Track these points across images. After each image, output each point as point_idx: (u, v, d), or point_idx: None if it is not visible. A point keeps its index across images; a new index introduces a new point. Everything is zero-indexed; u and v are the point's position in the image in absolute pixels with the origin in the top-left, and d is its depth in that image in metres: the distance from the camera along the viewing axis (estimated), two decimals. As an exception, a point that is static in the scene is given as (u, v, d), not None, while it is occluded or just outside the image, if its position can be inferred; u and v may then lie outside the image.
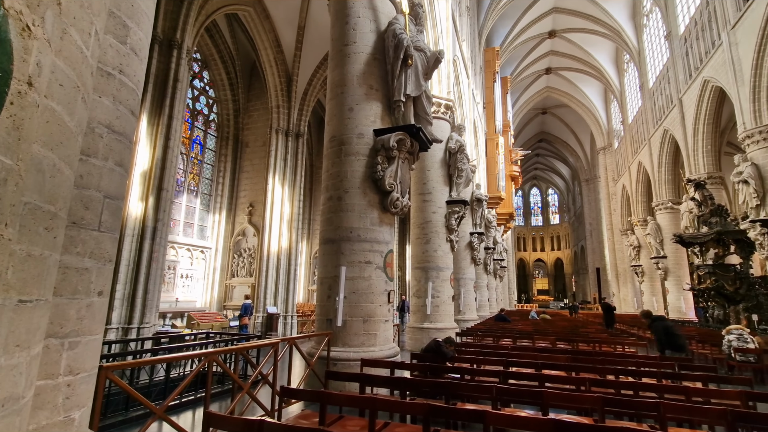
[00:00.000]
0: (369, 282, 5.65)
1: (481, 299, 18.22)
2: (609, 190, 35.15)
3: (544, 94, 37.00)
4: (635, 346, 8.76)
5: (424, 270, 10.34)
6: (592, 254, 41.78)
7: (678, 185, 22.35)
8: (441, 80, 11.61)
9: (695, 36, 18.34)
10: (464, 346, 7.53)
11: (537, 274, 59.72)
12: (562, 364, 5.47)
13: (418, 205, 10.94)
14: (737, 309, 13.87)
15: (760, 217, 13.23)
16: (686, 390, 3.82)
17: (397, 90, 6.14)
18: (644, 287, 27.02)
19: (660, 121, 22.94)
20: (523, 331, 10.27)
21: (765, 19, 12.71)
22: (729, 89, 15.20)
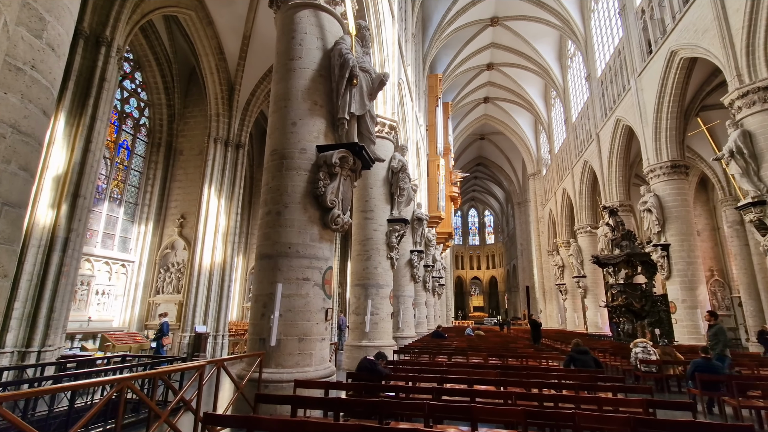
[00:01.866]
0: (306, 299, 5.52)
1: (419, 316, 18.53)
2: (538, 214, 37.87)
3: (482, 121, 39.37)
4: (558, 360, 9.38)
5: (363, 287, 10.33)
6: (523, 273, 44.46)
7: (596, 211, 24.70)
8: (386, 101, 11.92)
9: (610, 80, 20.72)
10: (401, 364, 7.57)
11: (473, 291, 62.10)
12: (492, 379, 5.70)
13: (359, 222, 10.98)
14: (643, 324, 15.43)
15: (660, 242, 14.98)
16: (598, 400, 4.15)
17: (342, 108, 6.20)
18: (567, 304, 29.18)
19: (581, 152, 25.38)
20: (458, 348, 10.57)
21: (663, 71, 14.72)
22: (636, 128, 17.28)
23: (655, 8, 15.67)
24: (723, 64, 11.40)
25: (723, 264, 22.96)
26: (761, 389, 5.47)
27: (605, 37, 21.57)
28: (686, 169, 15.66)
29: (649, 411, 4.02)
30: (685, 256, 14.59)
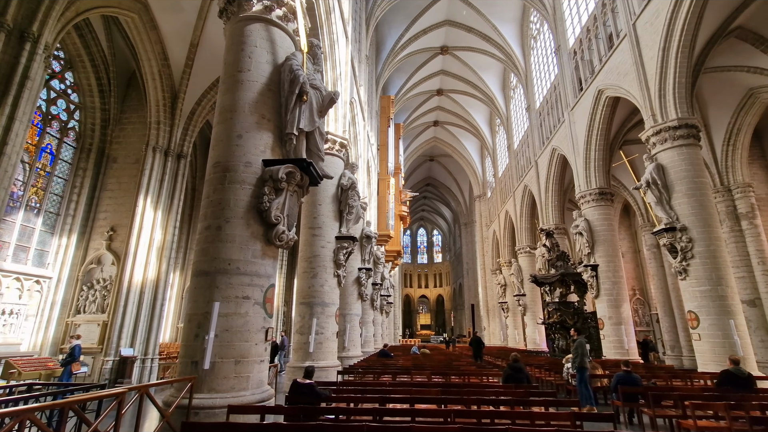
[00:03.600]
0: (245, 319, 5.28)
1: (366, 335, 18.36)
2: (483, 234, 39.48)
3: (432, 143, 40.77)
4: (497, 377, 9.68)
5: (309, 305, 10.09)
6: (468, 291, 45.81)
7: (534, 233, 26.22)
8: (337, 119, 12.00)
9: (547, 111, 22.44)
10: (344, 385, 7.41)
11: (421, 309, 62.82)
12: (434, 397, 5.74)
13: (307, 238, 10.80)
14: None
15: (590, 263, 16.16)
16: (531, 415, 4.32)
17: (290, 123, 6.15)
18: (509, 321, 30.37)
19: (522, 178, 27.02)
20: (403, 367, 10.57)
21: (592, 107, 16.22)
22: (569, 157, 18.76)
23: (585, 51, 17.35)
24: (640, 104, 12.80)
25: (643, 283, 25.20)
26: (673, 399, 6.00)
27: (543, 72, 23.44)
28: (612, 197, 17.18)
29: (576, 423, 4.24)
30: (611, 276, 15.83)
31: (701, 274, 10.65)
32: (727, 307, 10.30)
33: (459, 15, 25.62)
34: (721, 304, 10.32)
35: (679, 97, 11.58)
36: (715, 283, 10.47)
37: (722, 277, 10.54)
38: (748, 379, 6.83)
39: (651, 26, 12.25)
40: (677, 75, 11.51)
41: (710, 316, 10.34)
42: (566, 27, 19.35)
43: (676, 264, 11.22)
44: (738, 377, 6.75)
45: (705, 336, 10.42)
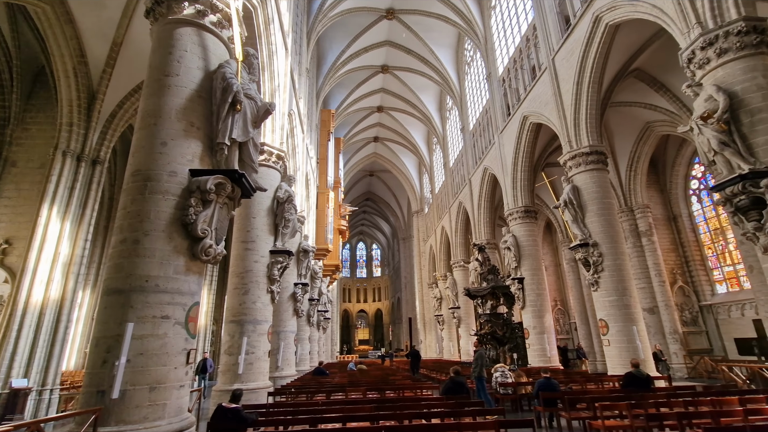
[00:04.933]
0: (164, 341, 4.86)
1: (302, 353, 17.78)
2: (420, 249, 40.48)
3: (372, 159, 41.34)
4: (433, 390, 9.84)
5: (239, 323, 9.56)
6: (406, 305, 46.45)
7: (468, 248, 27.44)
8: (275, 130, 11.74)
9: (479, 133, 23.86)
10: (275, 406, 7.08)
11: (360, 324, 62.37)
12: (367, 414, 5.69)
13: (239, 253, 10.30)
14: (504, 349, 17.28)
15: (517, 276, 17.23)
16: (459, 425, 4.45)
17: (222, 132, 5.89)
18: (444, 334, 31.21)
19: (457, 195, 28.28)
20: (338, 384, 10.36)
21: (518, 131, 17.55)
22: (499, 177, 20.04)
23: (512, 79, 18.82)
24: (559, 131, 14.11)
25: (564, 295, 27.36)
26: (586, 402, 6.52)
27: (476, 96, 24.99)
28: (536, 214, 18.58)
29: (501, 431, 4.44)
30: (535, 288, 16.99)
31: (610, 285, 11.82)
32: (630, 315, 11.51)
33: (399, 37, 26.60)
34: (626, 312, 11.51)
35: (590, 126, 12.95)
36: (621, 294, 11.67)
37: (627, 288, 11.78)
38: (647, 379, 7.65)
39: (567, 62, 13.65)
40: (588, 107, 12.89)
41: (617, 324, 11.47)
42: (496, 56, 20.89)
43: (589, 276, 12.36)
44: (639, 378, 7.53)
45: (613, 341, 11.53)
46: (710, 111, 7.38)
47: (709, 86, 7.62)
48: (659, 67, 14.96)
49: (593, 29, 12.11)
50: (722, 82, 7.56)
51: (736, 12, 7.71)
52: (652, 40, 13.08)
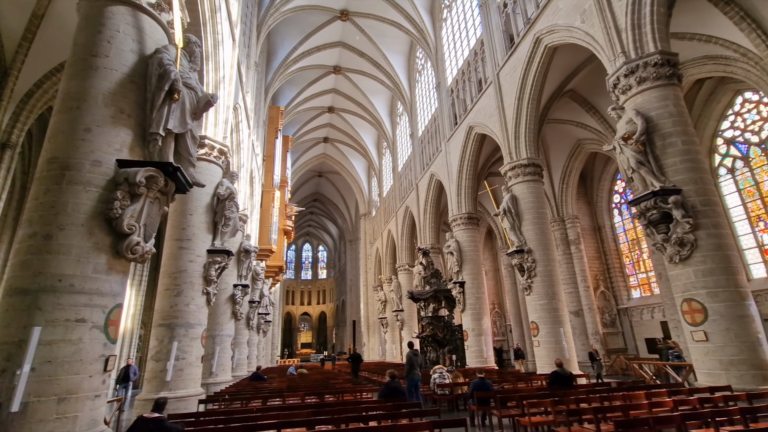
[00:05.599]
0: (78, 347, 4.41)
1: (239, 357, 17.04)
2: (366, 251, 40.58)
3: (321, 159, 40.84)
4: (372, 392, 9.87)
5: (169, 327, 8.94)
6: (351, 308, 46.28)
7: (413, 251, 27.96)
8: (218, 123, 11.19)
9: (428, 140, 24.47)
10: (206, 415, 6.71)
11: (302, 327, 61.11)
12: (304, 419, 5.56)
13: (172, 252, 9.65)
14: (444, 351, 17.79)
15: (458, 280, 17.84)
16: (395, 427, 4.49)
17: (156, 122, 5.50)
18: (387, 337, 31.48)
19: (404, 199, 28.75)
20: (276, 389, 10.05)
21: (464, 140, 18.24)
22: (445, 183, 20.67)
23: (460, 90, 19.54)
24: (501, 142, 14.86)
25: (501, 298, 28.75)
26: (515, 400, 6.88)
27: (426, 104, 25.63)
28: (478, 221, 19.39)
29: (435, 431, 4.54)
30: (475, 291, 17.69)
31: (541, 290, 12.62)
32: (559, 318, 12.36)
33: (353, 39, 26.59)
34: (555, 315, 12.35)
35: (529, 140, 13.78)
36: (551, 298, 12.50)
37: (556, 292, 12.65)
38: (570, 377, 8.24)
39: (510, 78, 14.44)
40: (528, 121, 13.71)
41: (547, 326, 12.26)
42: (446, 67, 21.59)
43: (524, 281, 13.10)
44: (563, 377, 8.09)
45: (543, 342, 12.31)
46: (630, 133, 8.16)
47: (630, 110, 8.43)
48: (590, 90, 16.30)
49: (534, 49, 12.92)
50: (641, 107, 8.40)
51: (654, 46, 8.62)
52: (585, 64, 14.23)
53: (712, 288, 7.25)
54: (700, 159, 8.11)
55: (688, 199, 7.61)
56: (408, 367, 9.21)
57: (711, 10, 11.90)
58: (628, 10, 8.97)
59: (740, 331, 6.96)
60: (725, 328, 7.02)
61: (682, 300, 7.60)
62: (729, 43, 12.32)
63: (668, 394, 6.73)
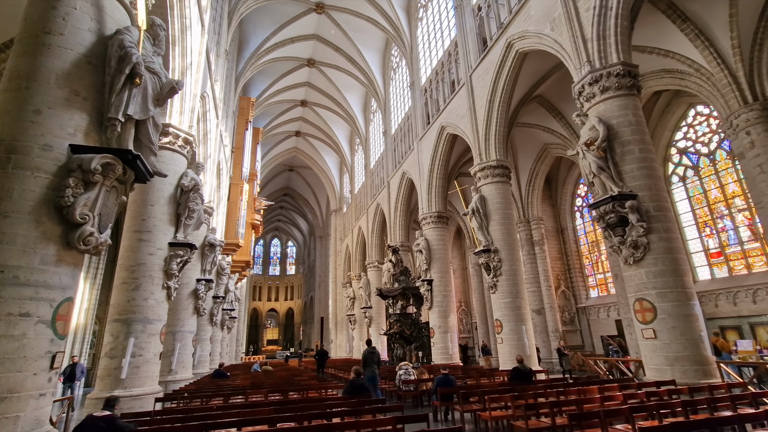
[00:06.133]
0: (21, 343, 4.14)
1: (201, 354, 16.54)
2: (336, 248, 40.35)
3: (293, 153, 40.19)
4: (338, 389, 9.83)
5: (126, 323, 8.55)
6: (319, 304, 45.92)
7: (383, 249, 28.06)
8: (184, 112, 10.77)
9: (400, 138, 24.57)
10: (162, 414, 6.47)
11: (269, 323, 60.11)
12: (266, 417, 5.47)
13: (131, 244, 9.23)
14: (411, 348, 17.98)
15: (427, 278, 18.05)
16: (358, 424, 4.49)
17: (115, 107, 5.22)
18: (355, 333, 31.46)
19: (375, 196, 28.76)
20: (239, 387, 9.83)
21: (436, 140, 18.44)
22: (416, 182, 20.83)
23: (433, 90, 19.73)
24: (471, 143, 15.13)
25: (468, 296, 29.36)
26: (477, 395, 7.05)
27: (400, 102, 25.71)
28: (447, 220, 19.68)
29: (398, 427, 4.58)
30: (443, 289, 17.96)
31: (506, 288, 12.98)
32: (521, 316, 12.76)
33: (328, 33, 26.27)
34: (518, 313, 12.74)
35: (498, 142, 14.10)
36: (515, 296, 12.88)
37: (520, 291, 13.04)
38: (530, 373, 8.53)
39: (482, 80, 14.71)
40: (498, 124, 14.02)
41: (510, 323, 12.63)
42: (420, 66, 21.73)
43: (490, 280, 13.43)
44: (523, 372, 8.37)
45: (506, 339, 12.67)
46: (592, 139, 8.51)
47: (593, 117, 8.79)
48: (557, 96, 16.87)
49: (506, 53, 13.22)
50: (603, 115, 8.77)
51: (617, 57, 9.01)
52: (553, 71, 14.70)
53: (661, 288, 7.69)
54: (655, 167, 8.57)
55: (643, 204, 8.03)
56: (363, 364, 9.27)
57: (670, 27, 12.59)
58: (594, 21, 9.33)
59: (685, 329, 7.43)
60: (672, 326, 7.47)
61: (635, 299, 8.02)
62: (684, 59, 13.07)
63: (619, 389, 7.10)
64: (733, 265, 14.78)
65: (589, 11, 9.54)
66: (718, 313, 14.45)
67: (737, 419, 4.47)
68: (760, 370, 8.80)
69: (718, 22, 11.98)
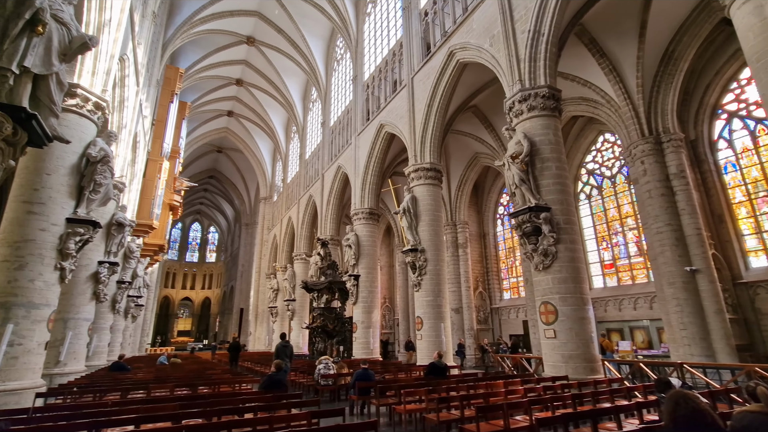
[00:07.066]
0: None
1: (98, 345, 14.87)
2: (263, 237, 38.85)
3: (223, 134, 37.84)
4: (253, 383, 9.47)
5: (4, 307, 7.38)
6: (240, 295, 43.89)
7: (312, 241, 27.60)
8: (97, 73, 9.57)
9: (339, 131, 24.31)
10: (44, 411, 5.71)
11: (182, 313, 56.12)
12: (169, 413, 5.08)
13: (17, 216, 7.99)
14: (332, 342, 17.94)
15: (354, 273, 18.12)
16: (271, 419, 4.36)
17: (8, 55, 4.45)
18: (276, 326, 30.59)
19: (308, 187, 28.18)
20: (140, 381, 9.03)
21: (374, 137, 18.55)
22: (351, 177, 20.78)
23: (375, 87, 19.81)
24: (408, 144, 15.46)
25: (392, 293, 30.04)
26: (394, 389, 7.25)
27: (341, 94, 25.41)
28: (378, 217, 19.91)
29: (313, 421, 4.53)
30: (369, 285, 18.16)
31: (429, 287, 13.49)
32: (441, 314, 13.36)
33: (272, 12, 25.09)
34: (438, 311, 13.32)
35: (433, 146, 14.58)
36: (437, 295, 13.44)
37: (441, 290, 13.64)
38: (445, 368, 8.97)
39: (423, 84, 15.09)
40: (435, 128, 14.49)
41: (430, 320, 13.16)
42: (365, 61, 21.67)
43: (414, 278, 13.86)
44: (439, 367, 8.77)
45: (425, 336, 13.18)
46: (517, 153, 9.17)
47: (520, 132, 9.47)
48: (490, 109, 17.91)
49: (447, 61, 13.69)
50: (528, 132, 9.48)
51: (545, 80, 9.79)
52: (488, 85, 15.56)
53: (563, 293, 8.54)
54: (568, 184, 9.48)
55: (555, 216, 8.83)
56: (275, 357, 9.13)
57: (590, 59, 13.99)
58: (528, 44, 10.05)
59: (580, 331, 8.33)
60: (569, 327, 8.34)
61: (541, 302, 8.81)
62: (599, 90, 14.62)
63: (521, 383, 7.76)
64: (621, 276, 16.92)
65: (524, 33, 10.23)
66: (606, 317, 16.46)
67: (614, 410, 5.12)
68: (634, 368, 10.19)
69: (628, 61, 13.59)
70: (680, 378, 8.17)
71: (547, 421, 5.01)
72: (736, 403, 6.09)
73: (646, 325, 15.22)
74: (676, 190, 13.00)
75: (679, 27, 12.94)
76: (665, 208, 12.87)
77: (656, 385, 4.97)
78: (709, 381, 8.20)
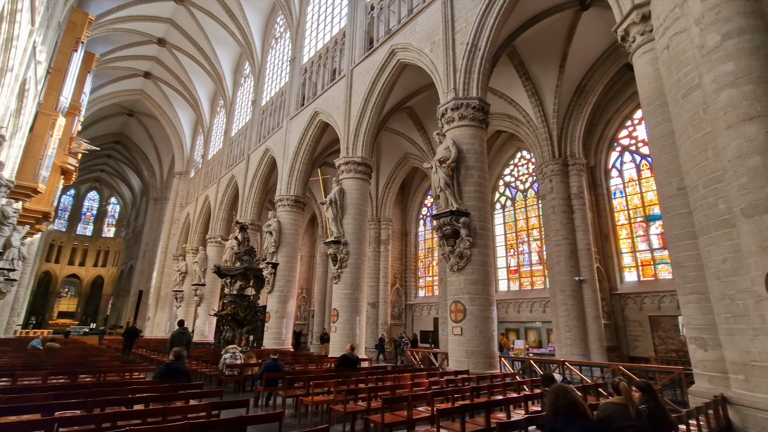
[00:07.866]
0: None
1: (-51, 323, 12.48)
2: (174, 215, 35.78)
3: (137, 96, 34.04)
4: (147, 372, 8.67)
5: None
6: (140, 276, 39.95)
7: (230, 224, 26.07)
8: (-23, -1, 7.96)
9: (270, 113, 23.24)
10: None
11: (66, 292, 49.50)
12: (38, 404, 4.44)
13: None
14: (242, 331, 17.17)
15: (272, 261, 17.51)
16: (166, 410, 4.03)
17: None
18: (180, 312, 28.38)
19: (231, 167, 26.54)
20: (5, 367, 7.77)
21: (307, 123, 18.05)
22: (279, 161, 20.01)
23: (314, 73, 19.27)
24: (341, 136, 15.32)
25: (310, 284, 29.63)
26: (303, 381, 7.15)
27: (276, 74, 24.28)
28: (303, 206, 19.47)
29: (213, 413, 4.28)
30: (287, 274, 17.67)
31: (348, 280, 13.54)
32: (358, 307, 13.49)
33: (207, -28, 23.09)
34: (355, 304, 13.43)
35: (366, 140, 14.62)
36: (355, 288, 13.54)
37: (360, 284, 13.78)
38: (356, 361, 9.08)
39: (362, 78, 15.03)
40: (369, 124, 14.54)
41: (346, 313, 13.23)
42: (305, 44, 20.96)
43: (335, 270, 13.81)
44: (350, 360, 8.86)
45: (340, 328, 13.22)
46: (445, 158, 9.58)
47: (449, 139, 9.90)
48: (424, 112, 18.45)
49: (388, 59, 13.81)
50: (457, 139, 9.96)
51: (477, 92, 10.35)
52: (425, 89, 16.01)
53: (473, 294, 9.14)
54: (487, 192, 10.17)
55: (473, 222, 9.41)
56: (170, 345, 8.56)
57: (517, 80, 15.11)
58: (465, 56, 10.53)
59: (484, 329, 9.00)
60: (475, 325, 8.96)
61: (452, 301, 9.34)
62: (522, 110, 15.87)
63: (426, 376, 8.15)
64: (523, 281, 18.63)
65: (463, 45, 10.71)
66: (507, 318, 18.00)
67: (505, 402, 5.62)
68: (525, 364, 11.29)
69: (549, 88, 14.94)
70: (562, 374, 9.23)
71: (447, 412, 5.33)
72: (602, 396, 7.06)
73: (538, 326, 16.96)
74: (575, 208, 14.65)
75: (592, 64, 14.55)
76: (565, 224, 14.43)
77: (542, 380, 5.55)
78: (583, 377, 9.39)
